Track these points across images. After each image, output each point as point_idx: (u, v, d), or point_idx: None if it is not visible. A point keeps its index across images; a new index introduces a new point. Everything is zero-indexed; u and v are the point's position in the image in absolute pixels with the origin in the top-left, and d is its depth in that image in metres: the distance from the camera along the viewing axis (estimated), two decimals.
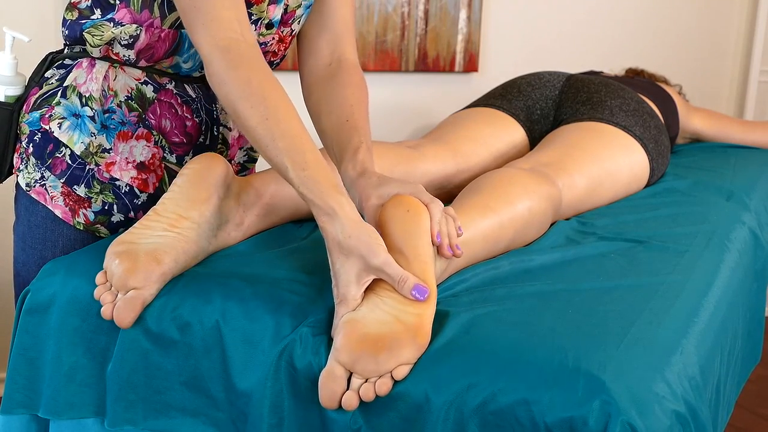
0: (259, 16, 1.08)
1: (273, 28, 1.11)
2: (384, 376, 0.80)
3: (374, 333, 0.81)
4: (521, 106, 1.66)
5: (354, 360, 0.80)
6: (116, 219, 1.13)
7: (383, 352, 0.79)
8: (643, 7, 2.81)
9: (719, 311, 1.03)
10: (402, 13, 2.20)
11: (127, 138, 1.11)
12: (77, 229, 1.11)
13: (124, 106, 1.10)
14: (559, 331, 0.84)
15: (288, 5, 1.11)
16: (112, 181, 1.11)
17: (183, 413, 0.93)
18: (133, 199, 1.13)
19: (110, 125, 1.10)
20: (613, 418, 0.72)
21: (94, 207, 1.11)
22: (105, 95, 1.09)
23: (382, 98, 2.28)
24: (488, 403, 0.77)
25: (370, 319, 0.82)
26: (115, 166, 1.11)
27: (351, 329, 0.81)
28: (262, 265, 1.00)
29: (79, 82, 1.10)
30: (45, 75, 1.13)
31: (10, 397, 1.00)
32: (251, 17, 1.07)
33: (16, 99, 1.12)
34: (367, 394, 0.80)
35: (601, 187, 1.40)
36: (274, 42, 1.14)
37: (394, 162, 1.28)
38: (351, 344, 0.80)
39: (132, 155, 1.12)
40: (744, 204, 1.47)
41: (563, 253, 1.10)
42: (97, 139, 1.10)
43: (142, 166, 1.12)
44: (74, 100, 1.10)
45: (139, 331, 0.92)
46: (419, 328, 0.82)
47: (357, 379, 0.80)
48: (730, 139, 2.09)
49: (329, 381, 0.80)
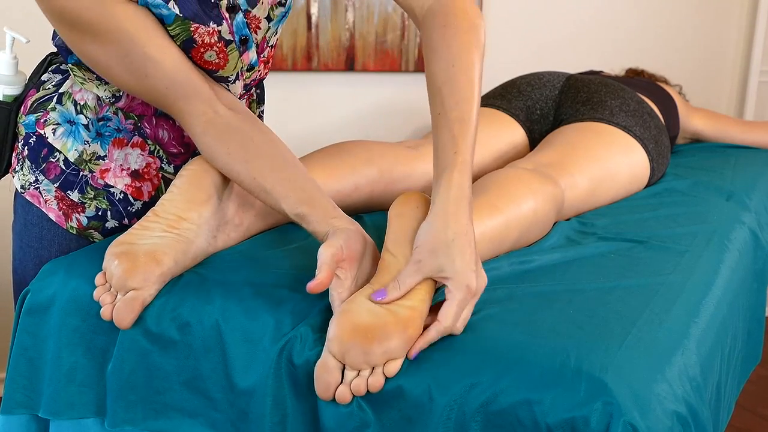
0: (236, 71, 1.08)
1: (255, 66, 1.12)
2: (376, 372, 0.81)
3: (365, 323, 0.81)
4: (521, 106, 1.66)
5: (344, 350, 0.80)
6: (110, 225, 1.13)
7: (373, 342, 0.79)
8: (643, 8, 2.81)
9: (719, 311, 1.03)
10: (402, 13, 2.19)
11: (123, 145, 1.11)
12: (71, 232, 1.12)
13: (120, 113, 1.10)
14: (561, 332, 0.84)
15: (257, 39, 1.10)
16: (106, 187, 1.11)
17: (182, 414, 0.93)
18: (128, 206, 1.12)
19: (105, 132, 1.10)
20: (615, 419, 0.72)
21: (88, 212, 1.11)
22: (100, 103, 1.09)
23: (382, 98, 2.28)
24: (490, 403, 0.77)
25: (362, 310, 0.83)
26: (109, 173, 1.11)
27: (343, 319, 0.82)
28: (262, 265, 1.00)
29: (74, 89, 1.10)
30: (42, 78, 1.13)
31: (10, 397, 1.00)
32: (228, 79, 1.08)
33: (14, 98, 1.12)
34: (358, 389, 0.80)
35: (601, 187, 1.40)
36: (260, 71, 1.15)
37: (394, 162, 1.28)
38: (342, 334, 0.80)
39: (127, 162, 1.11)
40: (744, 204, 1.47)
41: (563, 253, 1.10)
42: (91, 147, 1.09)
43: (136, 174, 1.12)
44: (69, 107, 1.09)
45: (139, 331, 0.92)
46: (410, 321, 0.82)
47: (350, 371, 0.81)
48: (730, 139, 2.09)
49: (322, 372, 0.81)
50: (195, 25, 0.99)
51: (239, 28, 1.05)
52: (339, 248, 0.85)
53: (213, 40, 1.02)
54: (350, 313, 0.82)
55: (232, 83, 1.09)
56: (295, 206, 0.93)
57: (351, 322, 0.81)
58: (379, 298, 0.84)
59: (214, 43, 1.02)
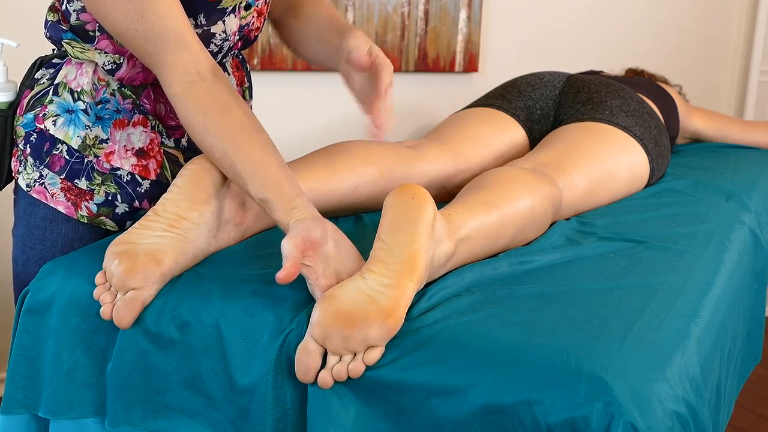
0: (234, 3, 1.08)
1: (251, 7, 1.12)
2: (357, 358, 0.82)
3: (347, 309, 0.82)
4: (521, 106, 1.66)
5: (325, 335, 0.81)
6: (121, 210, 1.12)
7: (353, 329, 0.81)
8: (643, 7, 2.81)
9: (719, 311, 1.03)
10: (402, 13, 2.20)
11: (124, 125, 1.11)
12: (78, 226, 1.11)
13: (117, 94, 1.10)
14: (561, 332, 0.84)
15: None
16: (113, 171, 1.11)
17: (181, 414, 0.93)
18: (136, 188, 1.13)
19: (105, 116, 1.10)
20: (615, 419, 0.72)
21: (97, 199, 1.11)
22: (96, 87, 1.09)
23: None
24: (490, 403, 0.77)
25: (346, 297, 0.84)
26: (114, 155, 1.11)
27: (326, 305, 0.83)
28: (262, 264, 1.00)
29: (69, 78, 1.10)
30: (35, 77, 1.13)
31: (10, 397, 1.00)
32: (226, 10, 1.08)
33: (8, 105, 1.12)
34: (339, 374, 0.81)
35: (601, 187, 1.40)
36: (254, 19, 1.15)
37: (394, 162, 1.28)
38: (324, 319, 0.82)
39: (130, 142, 1.12)
40: (744, 204, 1.47)
41: (563, 253, 1.10)
42: (93, 131, 1.10)
43: (141, 153, 1.12)
44: (66, 97, 1.10)
45: (139, 331, 0.92)
46: (392, 311, 0.83)
47: (332, 357, 0.82)
48: (730, 139, 2.09)
49: (303, 355, 0.82)
50: None
51: None
52: (300, 239, 0.86)
53: None
54: (334, 299, 0.84)
55: (228, 15, 1.09)
56: (260, 191, 0.93)
57: (334, 307, 0.83)
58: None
59: None
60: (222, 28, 1.10)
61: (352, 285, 0.86)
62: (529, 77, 1.75)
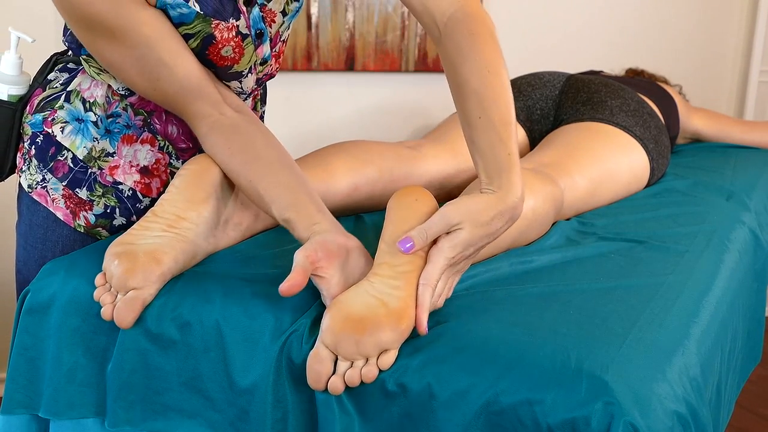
0: (249, 65, 1.09)
1: (267, 60, 1.13)
2: (370, 363, 0.81)
3: (357, 314, 0.81)
4: (521, 106, 1.66)
5: (336, 341, 0.80)
6: (118, 222, 1.13)
7: (364, 333, 0.80)
8: (643, 8, 2.81)
9: (719, 311, 1.03)
10: (402, 13, 2.20)
11: (132, 141, 1.11)
12: (77, 231, 1.11)
13: (129, 109, 1.10)
14: (561, 332, 0.84)
15: (271, 33, 1.11)
16: (114, 184, 1.11)
17: (181, 414, 0.93)
18: (136, 203, 1.13)
19: (114, 129, 1.10)
20: (615, 419, 0.72)
21: (96, 210, 1.11)
22: (109, 101, 1.09)
23: (382, 98, 2.28)
24: (491, 403, 0.77)
25: (355, 302, 0.83)
26: (118, 169, 1.11)
27: (336, 311, 0.83)
28: (262, 264, 1.00)
29: (83, 87, 1.10)
30: (48, 77, 1.13)
31: (10, 397, 1.00)
32: (242, 73, 1.09)
33: (19, 98, 1.12)
34: (351, 379, 0.80)
35: (601, 187, 1.40)
36: (272, 66, 1.16)
37: (393, 162, 1.28)
38: (335, 325, 0.81)
39: (136, 159, 1.12)
40: (744, 204, 1.47)
41: (563, 253, 1.10)
42: (100, 144, 1.10)
43: (145, 171, 1.12)
44: (78, 105, 1.09)
45: (139, 331, 0.92)
46: (403, 313, 0.83)
47: (342, 362, 0.81)
48: (730, 139, 2.09)
49: (315, 362, 0.81)
50: (215, 22, 1.01)
51: (255, 22, 1.06)
52: (312, 251, 0.86)
53: (231, 35, 1.03)
54: (343, 304, 0.83)
55: (245, 77, 1.10)
56: (283, 211, 0.94)
57: (343, 313, 0.82)
58: (407, 246, 0.86)
59: (231, 38, 1.03)
60: (238, 85, 1.11)
61: (359, 289, 0.85)
62: (529, 77, 1.75)
